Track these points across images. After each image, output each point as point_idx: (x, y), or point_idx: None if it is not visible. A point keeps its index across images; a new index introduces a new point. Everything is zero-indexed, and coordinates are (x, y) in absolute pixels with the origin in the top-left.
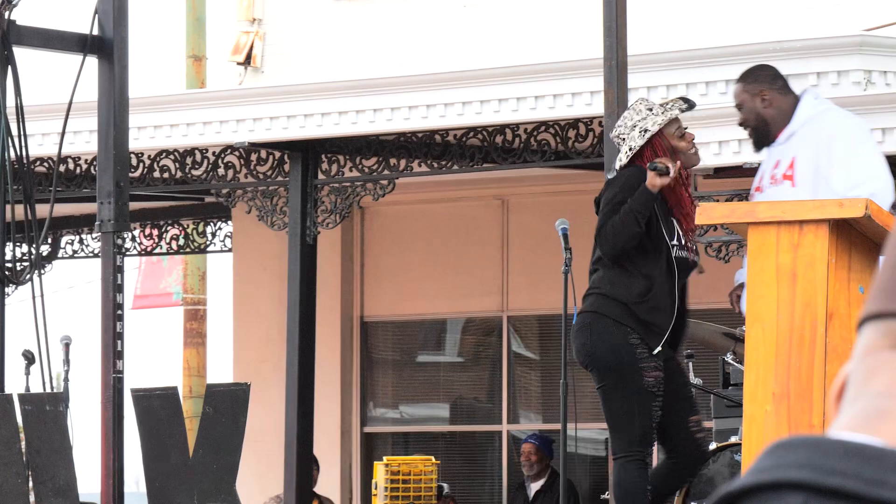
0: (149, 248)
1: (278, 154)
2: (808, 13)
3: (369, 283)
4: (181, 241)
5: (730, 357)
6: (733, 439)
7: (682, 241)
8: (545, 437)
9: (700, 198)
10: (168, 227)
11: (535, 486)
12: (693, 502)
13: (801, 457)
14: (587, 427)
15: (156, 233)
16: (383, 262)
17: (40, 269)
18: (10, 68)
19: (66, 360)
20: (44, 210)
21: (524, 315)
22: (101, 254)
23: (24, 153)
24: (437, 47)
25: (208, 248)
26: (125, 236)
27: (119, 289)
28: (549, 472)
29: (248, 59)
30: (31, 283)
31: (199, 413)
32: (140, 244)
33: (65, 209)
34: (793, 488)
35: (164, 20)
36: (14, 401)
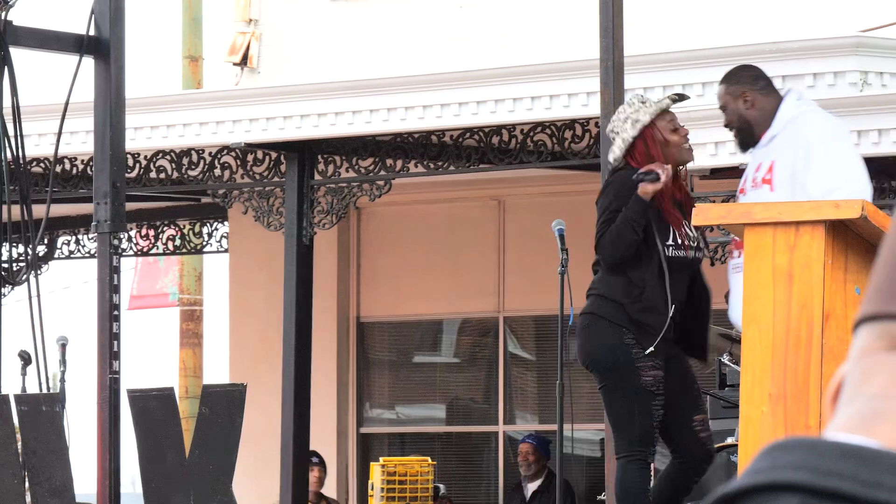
0: (145, 249)
1: (275, 155)
2: (804, 14)
3: (366, 284)
4: (177, 242)
5: (726, 358)
6: (730, 440)
7: (678, 241)
8: (542, 438)
9: (696, 199)
10: (164, 228)
11: (532, 487)
12: (689, 503)
13: (797, 458)
14: (583, 428)
15: (152, 233)
16: (380, 262)
17: (37, 270)
18: (6, 69)
19: (63, 361)
20: (40, 210)
21: (520, 316)
22: (97, 254)
23: (21, 153)
24: (433, 48)
25: (205, 249)
26: (121, 237)
27: (115, 289)
28: (546, 472)
29: (244, 60)
30: (27, 283)
31: (195, 413)
32: (136, 245)
33: (61, 210)
34: (789, 490)
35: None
36: (10, 401)
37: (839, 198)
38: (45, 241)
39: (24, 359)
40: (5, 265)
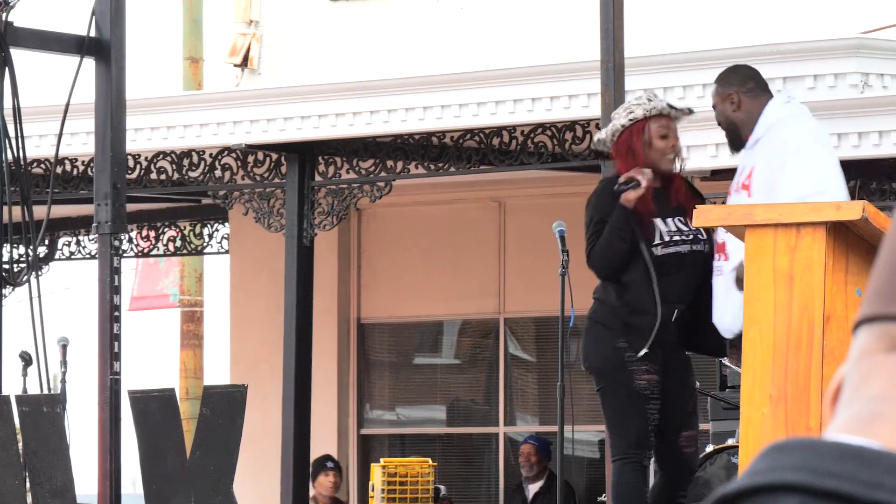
0: (146, 250)
1: (275, 156)
2: (805, 16)
3: (366, 285)
4: (178, 243)
5: (726, 359)
6: (730, 442)
7: (666, 238)
8: (543, 439)
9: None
10: (165, 229)
11: (533, 488)
12: None
13: (796, 459)
14: (584, 429)
15: (153, 234)
16: (380, 264)
17: (37, 271)
18: (7, 70)
19: (64, 362)
20: (41, 211)
21: (521, 317)
22: (98, 255)
23: (22, 155)
24: (434, 49)
25: (205, 250)
26: (122, 238)
27: (116, 290)
28: (547, 473)
29: (244, 61)
30: (28, 284)
31: (196, 415)
32: (137, 246)
33: (62, 211)
34: (789, 491)
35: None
36: (11, 402)
37: None
38: (46, 242)
39: (25, 360)
40: (6, 266)
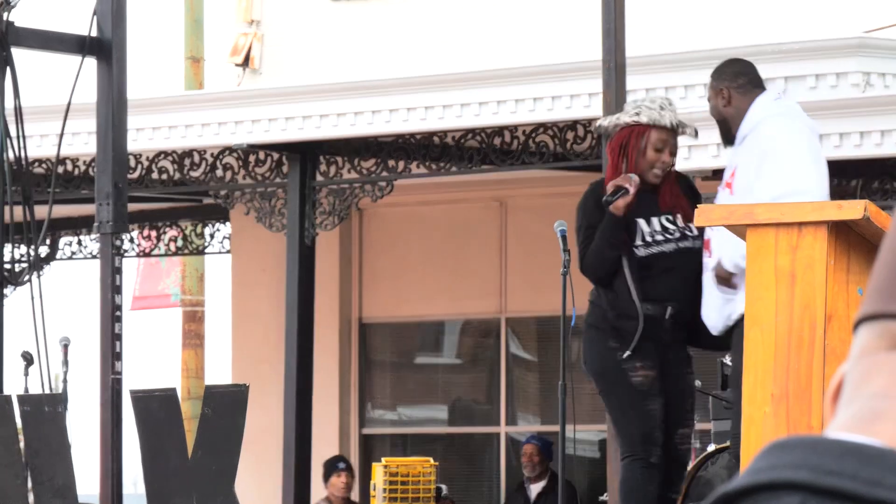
0: (147, 250)
1: (277, 156)
2: (806, 15)
3: (368, 285)
4: (179, 243)
5: (728, 359)
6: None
7: (647, 238)
8: (545, 439)
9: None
10: (166, 229)
11: (536, 488)
12: (691, 503)
13: (797, 457)
14: (585, 429)
15: (154, 234)
16: (382, 263)
17: (39, 271)
18: (8, 70)
19: (65, 362)
20: (42, 211)
21: (522, 317)
22: (99, 255)
23: (23, 154)
24: (435, 49)
25: (206, 250)
26: (123, 237)
27: (117, 290)
28: (549, 473)
29: (246, 61)
30: (29, 284)
31: (197, 414)
32: (138, 245)
33: (63, 210)
34: (790, 489)
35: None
36: (13, 402)
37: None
38: (48, 241)
39: (27, 359)
40: (8, 266)
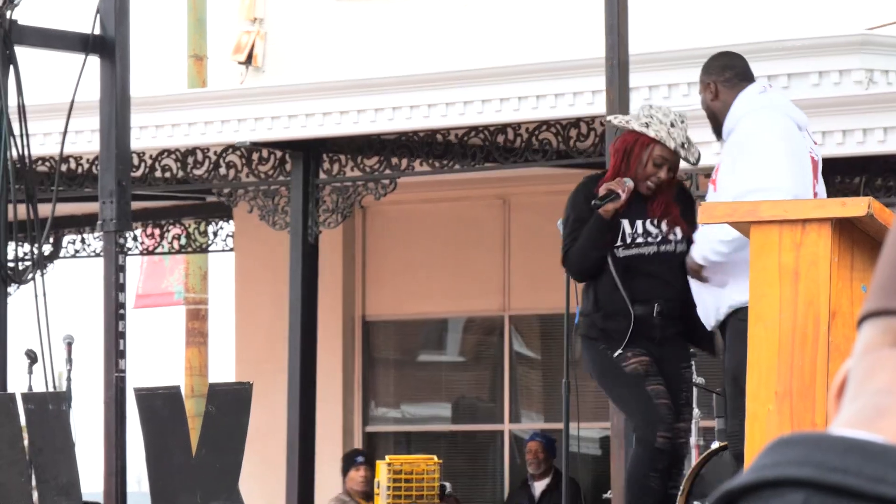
0: (150, 248)
1: (280, 153)
2: (809, 12)
3: (371, 283)
4: (183, 241)
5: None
6: None
7: (629, 240)
8: (549, 436)
9: (700, 197)
10: (170, 227)
11: (540, 486)
12: (695, 502)
13: (801, 454)
14: (589, 426)
15: (157, 232)
16: (385, 261)
17: (42, 269)
18: (11, 68)
19: (69, 360)
20: (46, 209)
21: (525, 315)
22: (103, 253)
23: (27, 152)
24: (438, 46)
25: (210, 248)
26: (127, 236)
27: (121, 288)
28: (553, 471)
29: (249, 59)
30: (33, 282)
31: (201, 412)
32: (142, 243)
33: (67, 209)
34: (794, 485)
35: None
36: (17, 400)
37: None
38: (51, 240)
39: (31, 357)
40: (11, 264)
